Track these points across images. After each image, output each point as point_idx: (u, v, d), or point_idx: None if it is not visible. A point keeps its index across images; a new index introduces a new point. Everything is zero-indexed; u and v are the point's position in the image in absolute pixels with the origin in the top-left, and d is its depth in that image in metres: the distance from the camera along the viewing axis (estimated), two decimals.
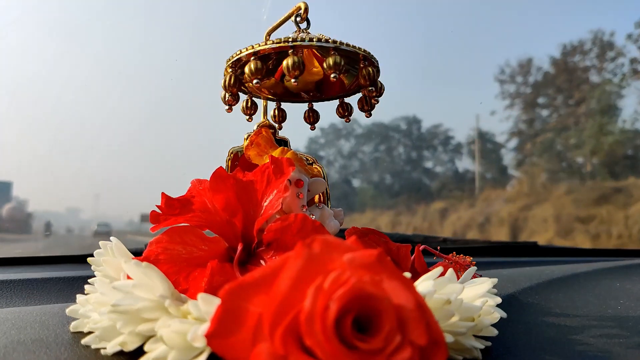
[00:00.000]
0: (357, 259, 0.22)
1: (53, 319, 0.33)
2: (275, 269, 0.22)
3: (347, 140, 14.69)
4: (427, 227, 10.62)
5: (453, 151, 13.79)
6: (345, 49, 0.39)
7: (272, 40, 0.39)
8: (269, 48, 0.39)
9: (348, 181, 14.39)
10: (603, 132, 8.87)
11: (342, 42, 0.39)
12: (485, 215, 9.55)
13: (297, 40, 0.38)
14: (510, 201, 9.45)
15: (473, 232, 9.45)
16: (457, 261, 0.43)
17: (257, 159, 0.40)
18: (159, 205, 0.33)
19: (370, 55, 0.41)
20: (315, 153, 14.13)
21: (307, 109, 0.47)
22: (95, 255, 0.34)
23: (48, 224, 9.23)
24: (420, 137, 14.25)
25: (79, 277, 0.50)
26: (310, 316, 0.21)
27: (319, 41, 0.38)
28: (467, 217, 9.95)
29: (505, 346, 0.32)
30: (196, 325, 0.24)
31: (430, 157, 14.20)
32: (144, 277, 0.26)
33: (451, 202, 10.86)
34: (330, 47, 0.38)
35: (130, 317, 0.25)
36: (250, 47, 0.39)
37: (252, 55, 0.39)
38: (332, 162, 14.73)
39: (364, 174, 14.33)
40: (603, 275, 0.63)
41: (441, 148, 14.04)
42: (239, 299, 0.22)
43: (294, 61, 0.37)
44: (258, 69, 0.38)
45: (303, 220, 0.31)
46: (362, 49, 0.40)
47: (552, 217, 8.26)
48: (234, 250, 0.32)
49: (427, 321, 0.22)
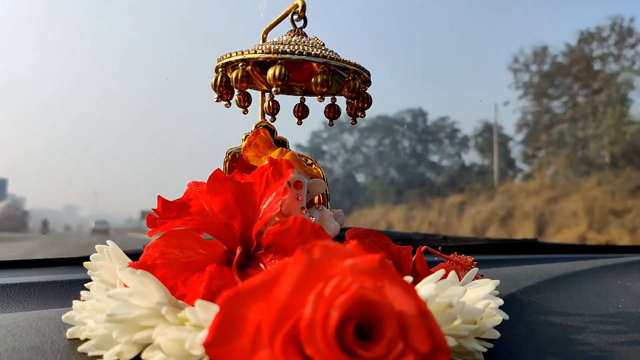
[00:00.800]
0: (358, 264, 0.22)
1: (49, 325, 0.33)
2: (275, 275, 0.22)
3: (351, 134, 14.36)
4: (443, 223, 10.03)
5: (460, 144, 13.46)
6: (335, 64, 0.39)
7: (262, 48, 0.39)
8: (258, 57, 0.39)
9: (352, 176, 14.09)
10: (623, 121, 8.43)
11: (332, 56, 0.39)
12: (506, 209, 9.00)
13: (286, 52, 0.38)
14: (533, 194, 8.91)
15: (494, 227, 8.88)
16: (458, 261, 0.42)
17: (256, 160, 0.39)
18: (155, 208, 0.33)
19: (361, 69, 0.41)
20: (318, 147, 13.87)
21: (299, 103, 0.46)
22: (91, 260, 0.34)
23: (45, 222, 9.11)
24: (425, 130, 13.93)
25: (77, 280, 0.50)
26: (310, 324, 0.20)
27: (308, 55, 0.38)
28: (487, 211, 9.34)
29: (507, 347, 0.32)
30: (194, 333, 0.23)
31: (436, 150, 13.88)
32: (139, 284, 0.26)
33: (469, 195, 10.22)
34: (320, 62, 0.38)
35: (126, 326, 0.25)
36: (240, 52, 0.39)
37: (241, 62, 0.39)
38: (336, 156, 14.49)
39: (368, 168, 14.05)
40: (603, 273, 0.62)
41: (447, 141, 13.68)
42: (237, 306, 0.22)
43: (280, 72, 0.38)
44: (243, 78, 0.39)
45: (302, 223, 0.30)
46: (352, 62, 0.40)
47: (583, 211, 7.68)
48: (233, 254, 0.32)
49: (430, 327, 0.22)
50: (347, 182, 13.71)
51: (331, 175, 13.37)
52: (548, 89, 10.06)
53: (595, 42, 9.70)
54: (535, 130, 10.36)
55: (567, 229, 7.72)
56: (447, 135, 13.75)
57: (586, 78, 9.46)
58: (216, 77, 0.41)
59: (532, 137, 10.41)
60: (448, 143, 13.70)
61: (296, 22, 0.43)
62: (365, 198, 12.99)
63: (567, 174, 8.87)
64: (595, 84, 9.23)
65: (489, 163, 11.69)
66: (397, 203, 11.97)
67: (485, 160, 11.85)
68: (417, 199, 11.46)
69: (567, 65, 10.04)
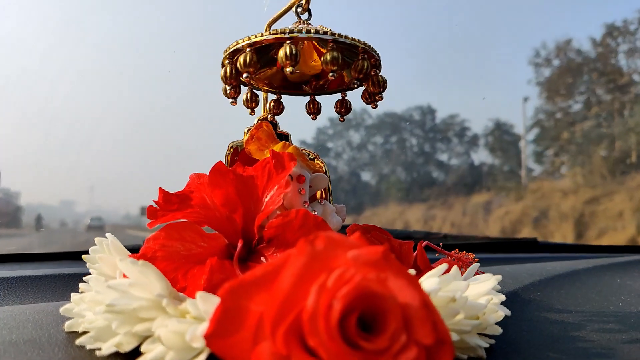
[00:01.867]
0: (362, 256, 0.22)
1: (47, 318, 0.32)
2: (277, 266, 0.22)
3: (357, 131, 14.03)
4: (468, 223, 9.29)
5: (469, 142, 13.04)
6: (344, 41, 0.38)
7: (270, 31, 0.38)
8: (266, 39, 0.38)
9: (357, 174, 13.76)
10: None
11: (340, 34, 0.38)
12: (539, 210, 8.25)
13: (294, 31, 0.37)
14: (569, 193, 8.19)
15: (527, 229, 8.15)
16: (459, 258, 0.42)
17: (258, 154, 0.39)
18: (157, 200, 0.33)
19: (371, 49, 0.40)
20: (324, 144, 13.55)
21: (309, 99, 0.46)
22: (90, 252, 0.33)
23: (39, 218, 8.90)
24: (433, 128, 13.53)
25: (76, 274, 0.49)
26: (313, 315, 0.20)
27: (316, 33, 0.37)
28: (517, 212, 8.61)
29: (509, 344, 0.32)
30: (195, 325, 0.23)
31: (445, 149, 13.45)
32: (140, 275, 0.25)
33: (496, 194, 9.45)
34: (329, 39, 0.37)
35: (126, 317, 0.24)
36: (246, 37, 0.39)
37: (249, 46, 0.38)
38: (341, 153, 14.14)
39: (374, 167, 13.69)
40: (603, 271, 0.62)
41: (456, 140, 13.29)
42: (239, 298, 0.21)
43: (290, 51, 0.37)
44: (251, 62, 0.38)
45: (305, 216, 0.30)
46: (362, 41, 0.39)
47: (630, 211, 6.95)
48: (234, 247, 0.31)
49: (434, 320, 0.21)
50: (352, 180, 13.35)
51: (336, 173, 13.04)
52: (571, 85, 9.55)
53: (621, 37, 9.23)
54: (556, 128, 9.84)
55: (613, 232, 7.06)
56: (457, 133, 13.36)
57: (612, 73, 8.95)
58: (225, 68, 0.40)
59: (552, 135, 9.89)
60: (457, 141, 13.31)
61: (301, 14, 0.42)
62: (372, 196, 12.46)
63: (603, 173, 8.17)
64: (621, 80, 8.73)
65: (499, 162, 11.19)
66: (412, 202, 11.30)
67: (495, 160, 11.29)
68: (436, 197, 10.76)
69: (592, 60, 9.54)
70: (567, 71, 9.77)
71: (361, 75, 0.40)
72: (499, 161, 11.41)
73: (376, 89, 0.42)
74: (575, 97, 9.72)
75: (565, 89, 9.70)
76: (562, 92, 9.72)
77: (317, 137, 13.92)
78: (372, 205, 12.14)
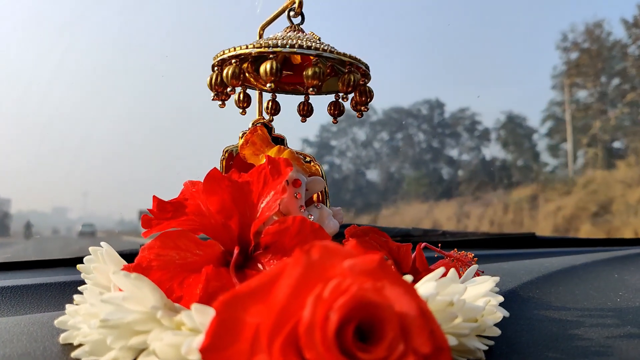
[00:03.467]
0: (357, 265, 0.21)
1: (42, 329, 0.32)
2: (273, 277, 0.21)
3: (360, 128, 13.46)
4: (510, 220, 8.11)
5: (480, 137, 12.32)
6: (328, 56, 0.38)
7: (253, 43, 0.38)
8: (249, 52, 0.38)
9: (361, 173, 13.32)
10: None
11: (325, 48, 0.38)
12: (598, 204, 7.30)
13: (277, 45, 0.37)
14: (633, 185, 7.14)
15: (586, 225, 7.13)
16: (458, 258, 0.42)
17: (253, 159, 0.38)
18: (151, 209, 0.32)
19: (358, 61, 0.40)
20: (327, 142, 13.17)
21: (303, 101, 0.45)
22: (85, 262, 0.33)
23: (28, 225, 8.55)
24: (441, 123, 12.91)
25: (71, 282, 0.49)
26: (309, 327, 0.20)
27: (300, 47, 0.37)
28: (570, 207, 7.49)
29: (508, 345, 0.32)
30: (190, 337, 0.23)
31: (454, 144, 12.79)
32: (134, 288, 0.25)
33: (541, 189, 8.33)
34: (312, 54, 0.37)
35: (121, 332, 0.24)
36: (232, 49, 0.39)
37: (234, 58, 0.38)
38: (344, 151, 13.68)
39: (380, 163, 13.18)
40: (601, 266, 0.62)
41: (466, 134, 12.62)
42: (234, 310, 0.21)
43: (271, 68, 0.37)
44: (234, 75, 0.38)
45: (301, 223, 0.30)
46: (347, 55, 0.39)
47: None
48: (230, 255, 0.31)
49: (431, 328, 0.21)
50: (359, 179, 12.88)
51: (340, 172, 12.68)
52: (602, 71, 8.67)
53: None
54: (587, 116, 8.97)
55: None
56: (466, 127, 12.74)
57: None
58: (212, 75, 0.40)
59: (581, 124, 8.98)
60: (467, 136, 12.65)
61: (293, 18, 0.42)
62: (403, 193, 11.64)
63: None
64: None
65: (511, 157, 10.47)
66: (439, 199, 10.26)
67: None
68: (463, 194, 9.76)
69: (626, 44, 8.69)
70: (597, 55, 8.95)
71: (349, 89, 0.40)
72: (513, 155, 10.76)
73: (362, 99, 0.42)
74: (603, 83, 8.86)
75: (595, 74, 8.87)
76: (591, 77, 8.89)
77: (320, 134, 13.51)
78: (391, 203, 11.31)
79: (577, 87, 9.34)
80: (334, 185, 12.20)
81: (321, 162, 0.41)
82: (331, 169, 13.03)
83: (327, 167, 13.35)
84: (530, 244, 0.97)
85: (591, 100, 9.19)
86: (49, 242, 6.84)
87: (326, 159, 12.75)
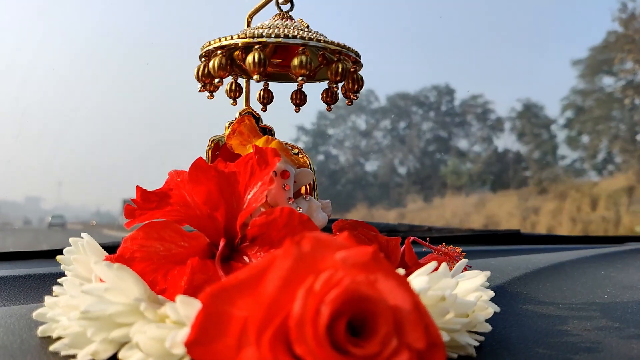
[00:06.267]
0: (350, 257, 0.21)
1: (19, 322, 0.31)
2: (262, 269, 0.21)
3: (358, 116, 12.37)
4: (600, 218, 6.11)
5: (492, 127, 11.15)
6: (314, 44, 0.37)
7: (239, 34, 0.37)
8: (234, 43, 0.37)
9: (360, 164, 12.41)
10: None
11: (311, 37, 0.37)
12: None
13: (262, 35, 0.36)
14: None
15: None
16: (446, 252, 0.41)
17: (240, 149, 0.38)
18: (134, 199, 0.31)
19: (347, 49, 0.39)
20: (324, 131, 12.24)
21: (296, 89, 0.44)
22: (65, 253, 0.32)
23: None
24: (449, 112, 11.78)
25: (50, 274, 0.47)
26: (300, 321, 0.19)
27: (286, 37, 0.36)
28: None
29: (498, 340, 0.32)
30: (175, 331, 0.22)
31: (464, 134, 11.68)
32: (116, 279, 0.24)
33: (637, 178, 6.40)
34: (298, 43, 0.36)
35: (102, 324, 0.23)
36: (218, 39, 0.38)
37: (220, 49, 0.37)
38: (342, 141, 12.55)
39: (379, 154, 12.20)
40: (588, 263, 0.63)
41: (478, 123, 11.45)
42: (222, 303, 0.20)
43: (257, 58, 0.36)
44: (221, 66, 0.37)
45: (290, 214, 0.29)
46: (335, 43, 0.38)
47: None
48: (216, 246, 0.30)
49: (425, 323, 0.21)
50: (355, 170, 11.96)
51: (337, 163, 12.07)
52: None
53: None
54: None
55: None
56: (477, 116, 11.58)
57: None
58: (199, 66, 0.39)
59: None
60: (480, 126, 11.49)
61: (282, 5, 0.41)
62: (440, 185, 10.50)
63: None
64: None
65: (527, 149, 9.46)
66: (492, 190, 8.72)
67: (522, 146, 9.58)
68: (519, 185, 8.14)
69: None
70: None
71: (338, 77, 0.39)
72: (528, 147, 9.73)
73: (352, 87, 0.41)
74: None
75: None
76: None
77: (317, 122, 12.45)
78: (423, 197, 10.02)
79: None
80: (335, 178, 11.58)
81: (317, 152, 0.40)
82: (327, 160, 12.33)
83: (342, 157, 12.25)
84: (515, 240, 0.97)
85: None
86: (16, 233, 6.65)
87: (321, 149, 12.03)
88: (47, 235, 7.27)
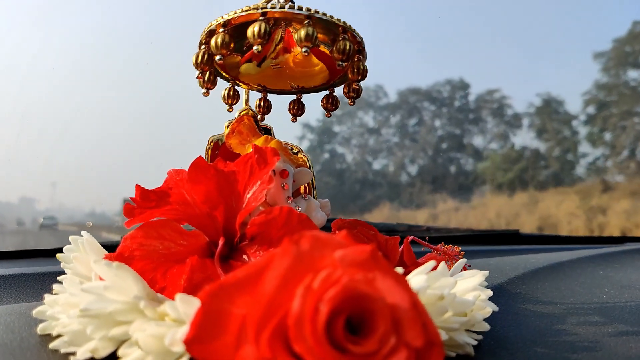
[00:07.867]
0: (349, 256, 0.21)
1: (19, 320, 0.31)
2: (261, 267, 0.21)
3: (366, 113, 11.89)
4: None
5: (509, 124, 10.43)
6: (320, 17, 0.36)
7: (242, 8, 0.36)
8: (237, 17, 0.36)
9: (368, 163, 11.91)
10: None
11: (317, 10, 0.36)
12: None
13: (266, 7, 0.36)
14: None
15: None
16: (445, 252, 0.42)
17: (239, 148, 0.38)
18: (134, 197, 0.31)
19: (351, 29, 0.38)
20: (330, 128, 11.82)
21: (294, 99, 0.44)
22: (64, 252, 0.32)
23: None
24: (462, 108, 11.08)
25: (50, 272, 0.47)
26: (299, 319, 0.19)
27: (291, 8, 0.36)
28: None
29: (496, 339, 0.32)
30: (174, 328, 0.22)
31: (477, 131, 10.98)
32: (116, 277, 0.24)
33: None
34: (304, 14, 0.36)
35: (101, 321, 0.23)
36: (220, 17, 0.37)
37: (222, 27, 0.37)
38: (348, 139, 12.06)
39: (388, 152, 11.63)
40: (586, 263, 0.63)
41: (493, 120, 10.66)
42: (221, 301, 0.20)
43: (260, 29, 0.35)
44: (224, 43, 0.36)
45: (288, 213, 0.29)
46: (341, 20, 0.37)
47: None
48: (215, 245, 0.30)
49: (423, 321, 0.21)
50: (362, 168, 11.35)
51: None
52: None
53: None
54: None
55: None
56: (493, 112, 10.79)
57: None
58: (197, 52, 0.39)
59: None
60: (496, 122, 10.66)
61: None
62: (475, 183, 9.78)
63: None
64: None
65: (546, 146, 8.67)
66: (540, 189, 7.61)
67: (541, 144, 8.80)
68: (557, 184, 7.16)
69: None
70: None
71: (344, 57, 0.37)
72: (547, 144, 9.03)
73: (355, 77, 0.40)
74: None
75: None
76: None
77: (323, 118, 12.29)
78: (458, 196, 9.13)
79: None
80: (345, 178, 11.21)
81: (322, 150, 0.39)
82: (332, 158, 11.87)
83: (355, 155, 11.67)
84: (514, 240, 0.97)
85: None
86: (7, 234, 6.61)
87: (326, 147, 11.59)
88: (37, 237, 7.23)
